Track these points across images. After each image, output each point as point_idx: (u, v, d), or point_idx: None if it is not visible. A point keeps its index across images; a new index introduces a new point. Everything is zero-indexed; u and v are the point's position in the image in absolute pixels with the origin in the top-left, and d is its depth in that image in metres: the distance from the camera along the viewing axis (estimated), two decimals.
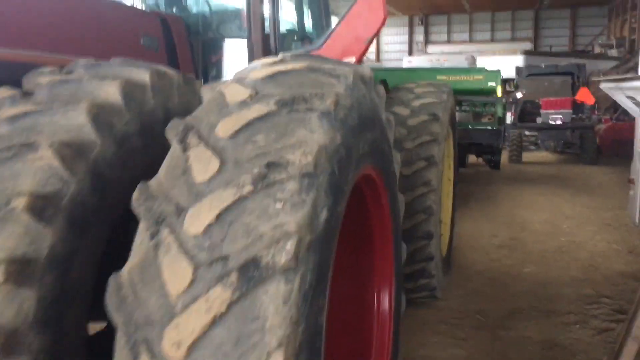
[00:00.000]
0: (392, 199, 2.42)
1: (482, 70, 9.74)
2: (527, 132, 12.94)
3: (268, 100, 1.51)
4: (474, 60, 23.92)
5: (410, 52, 41.37)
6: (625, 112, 14.43)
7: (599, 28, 37.52)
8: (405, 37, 45.39)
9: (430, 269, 4.12)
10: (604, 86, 2.96)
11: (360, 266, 2.48)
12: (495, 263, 5.66)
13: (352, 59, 3.13)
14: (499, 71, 9.60)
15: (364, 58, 3.37)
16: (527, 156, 13.21)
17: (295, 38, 4.37)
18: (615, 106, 15.65)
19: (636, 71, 13.67)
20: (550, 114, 12.25)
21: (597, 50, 31.56)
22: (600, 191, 9.64)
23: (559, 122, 12.21)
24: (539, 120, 12.42)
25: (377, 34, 3.27)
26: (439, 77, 9.79)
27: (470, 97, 9.54)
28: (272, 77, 1.62)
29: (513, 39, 40.60)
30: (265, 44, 3.44)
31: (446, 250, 4.97)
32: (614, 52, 28.09)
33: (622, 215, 7.62)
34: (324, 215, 1.38)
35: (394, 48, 43.43)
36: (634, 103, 2.58)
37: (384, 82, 8.28)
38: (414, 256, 4.04)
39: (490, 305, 4.49)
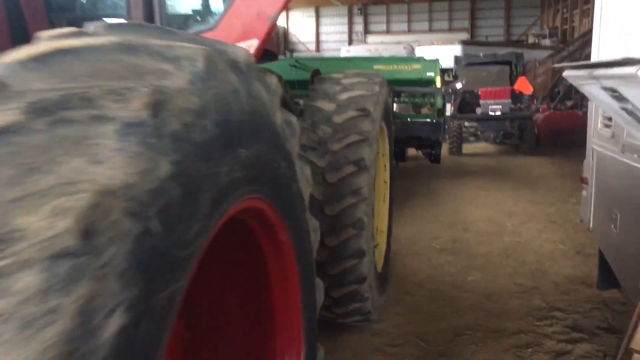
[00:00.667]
0: (297, 232, 1.77)
1: (420, 60, 9.27)
2: (466, 124, 12.64)
3: (15, 104, 0.81)
4: (412, 50, 23.69)
5: (350, 43, 40.98)
6: (562, 101, 14.43)
7: (533, 18, 38.32)
8: (345, 27, 45.02)
9: (362, 292, 3.51)
10: (569, 74, 2.39)
11: (255, 323, 1.82)
12: (438, 271, 5.14)
13: (255, 42, 2.46)
14: (437, 60, 9.14)
15: (304, 48, 2.74)
16: (467, 148, 12.91)
17: (199, 19, 3.64)
18: (552, 95, 15.67)
19: (574, 60, 13.65)
20: (490, 104, 11.98)
21: (531, 40, 32.13)
22: (542, 184, 9.38)
23: (498, 112, 11.95)
24: (478, 111, 12.14)
25: (283, 10, 2.61)
26: (376, 66, 9.25)
27: (408, 87, 9.06)
28: (41, 60, 0.92)
29: (450, 29, 40.93)
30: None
31: (382, 263, 4.38)
32: (547, 42, 28.59)
33: (566, 210, 7.31)
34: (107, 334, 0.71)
35: (333, 38, 42.97)
36: (612, 96, 2.01)
37: (316, 73, 7.65)
38: (343, 278, 3.42)
39: (432, 325, 3.93)
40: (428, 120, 8.60)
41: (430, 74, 9.06)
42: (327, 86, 3.86)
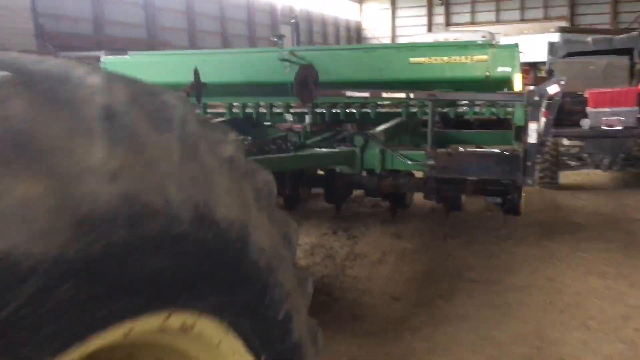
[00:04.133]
0: None
1: (488, 47, 5.54)
2: (566, 142, 8.65)
3: None
4: (492, 37, 19.22)
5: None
6: None
7: None
8: (424, 19, 40.85)
9: None
10: None
11: None
12: None
13: None
14: (515, 47, 5.38)
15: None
16: (567, 176, 8.86)
17: None
18: None
19: None
20: (604, 114, 7.90)
21: None
22: None
23: (618, 126, 7.84)
24: (585, 123, 8.10)
25: None
26: (413, 59, 5.64)
27: (465, 94, 5.37)
28: None
29: (546, 18, 35.65)
30: None
31: None
32: None
33: None
34: None
35: (410, 31, 38.82)
36: None
37: (309, 70, 4.50)
38: None
39: None
40: (496, 152, 4.87)
41: (504, 68, 5.32)
42: None
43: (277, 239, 1.38)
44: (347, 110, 6.37)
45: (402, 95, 4.84)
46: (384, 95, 4.99)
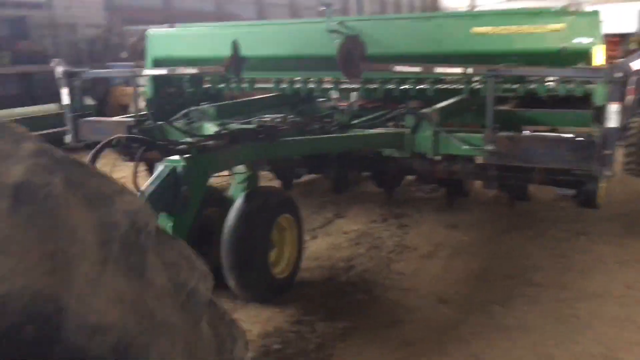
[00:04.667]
0: None
1: (564, 14, 4.78)
2: None
3: None
4: (577, 6, 17.56)
5: None
6: None
7: None
8: None
9: None
10: None
11: None
12: None
13: None
14: (595, 14, 4.61)
15: None
16: None
17: None
18: None
19: None
20: None
21: None
22: None
23: None
24: None
25: None
26: (476, 29, 4.98)
27: (535, 70, 4.65)
28: None
29: None
30: None
31: None
32: None
33: None
34: None
35: (492, 3, 36.71)
36: None
37: (354, 42, 4.02)
38: None
39: None
40: (568, 137, 4.16)
41: (581, 39, 4.58)
42: None
43: (154, 302, 0.94)
44: (402, 87, 5.77)
45: (458, 70, 4.22)
46: (437, 70, 4.39)
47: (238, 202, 3.90)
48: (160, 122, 5.59)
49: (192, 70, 5.50)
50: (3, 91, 11.00)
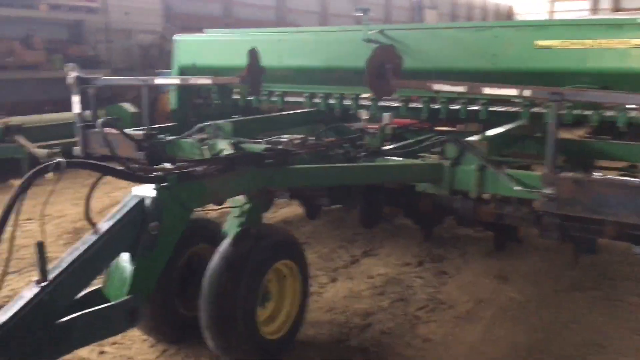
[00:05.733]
0: None
1: None
2: None
3: None
4: None
5: None
6: None
7: None
8: (586, 3, 36.48)
9: None
10: None
11: None
12: None
13: None
14: None
15: None
16: None
17: None
18: None
19: None
20: None
21: None
22: None
23: None
24: None
25: None
26: (539, 42, 4.10)
27: (609, 94, 3.68)
28: None
29: None
30: None
31: None
32: None
33: None
34: None
35: (571, 16, 34.71)
36: None
37: (389, 53, 3.26)
38: None
39: None
40: None
41: None
42: None
43: None
44: (452, 107, 4.93)
45: (513, 92, 3.33)
46: (486, 91, 3.51)
47: (224, 243, 3.19)
48: (171, 138, 5.01)
49: (205, 81, 4.88)
50: (49, 95, 10.91)
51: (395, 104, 5.16)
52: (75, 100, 5.29)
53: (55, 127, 8.81)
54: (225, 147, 4.25)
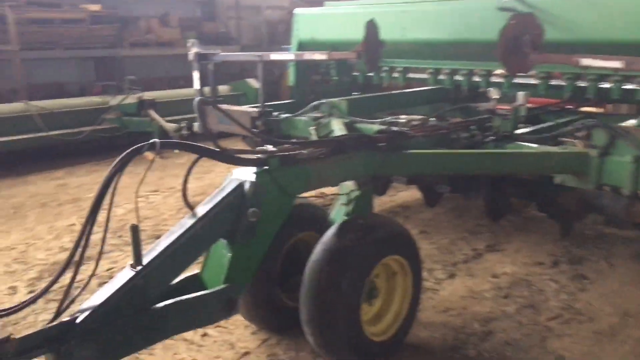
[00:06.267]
0: None
1: None
2: None
3: None
4: None
5: None
6: None
7: None
8: None
9: None
10: None
11: None
12: None
13: None
14: None
15: None
16: None
17: None
18: None
19: None
20: None
21: None
22: None
23: None
24: None
25: None
26: None
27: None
28: None
29: None
30: None
31: None
32: None
33: None
34: None
35: None
36: None
37: (527, 22, 2.81)
38: None
39: None
40: None
41: None
42: None
43: None
44: (601, 85, 4.27)
45: None
46: None
47: (328, 233, 2.93)
48: (285, 115, 4.85)
49: (320, 56, 4.62)
50: (183, 71, 11.35)
51: (532, 82, 4.56)
52: (196, 76, 5.31)
53: (185, 102, 9.11)
54: (337, 126, 3.98)
